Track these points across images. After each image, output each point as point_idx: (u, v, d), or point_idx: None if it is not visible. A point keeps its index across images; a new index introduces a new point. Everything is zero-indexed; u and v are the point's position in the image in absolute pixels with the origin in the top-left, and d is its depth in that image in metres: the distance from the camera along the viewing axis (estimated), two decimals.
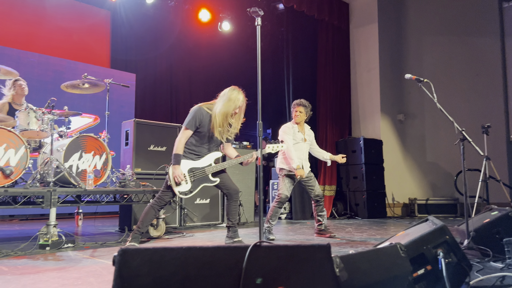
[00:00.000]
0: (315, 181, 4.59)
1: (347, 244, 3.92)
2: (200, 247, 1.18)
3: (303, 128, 4.70)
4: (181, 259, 1.15)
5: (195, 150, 3.68)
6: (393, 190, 7.92)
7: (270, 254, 1.21)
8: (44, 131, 4.14)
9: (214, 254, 1.17)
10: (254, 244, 1.20)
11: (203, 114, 3.65)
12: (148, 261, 1.13)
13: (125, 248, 1.16)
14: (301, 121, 4.64)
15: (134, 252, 1.14)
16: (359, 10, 8.34)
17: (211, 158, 3.75)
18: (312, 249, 1.24)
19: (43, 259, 3.16)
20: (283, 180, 4.45)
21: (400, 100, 8.39)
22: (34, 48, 7.32)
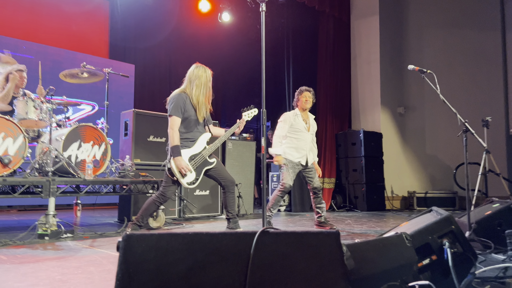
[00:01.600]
0: (316, 174, 4.57)
1: (348, 236, 3.91)
2: (207, 233, 1.15)
3: (307, 117, 4.64)
4: (187, 244, 1.12)
5: (187, 137, 3.65)
6: (392, 183, 7.92)
7: (278, 240, 1.18)
8: (42, 120, 4.10)
9: (221, 240, 1.14)
10: (262, 230, 1.17)
11: (183, 98, 3.63)
12: (154, 246, 1.11)
13: (130, 233, 1.13)
14: (309, 107, 4.60)
15: (140, 237, 1.12)
16: (360, 2, 8.27)
17: (204, 140, 3.74)
18: (321, 235, 1.21)
19: (42, 248, 3.13)
20: (287, 170, 4.43)
21: (400, 93, 8.36)
22: (33, 38, 7.23)
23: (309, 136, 4.55)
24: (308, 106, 4.57)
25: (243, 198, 6.09)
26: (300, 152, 4.47)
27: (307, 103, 4.56)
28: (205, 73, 3.70)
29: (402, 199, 8.02)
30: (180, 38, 8.82)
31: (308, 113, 4.66)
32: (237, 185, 6.06)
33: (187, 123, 3.64)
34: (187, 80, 3.71)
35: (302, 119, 4.56)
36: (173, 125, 3.58)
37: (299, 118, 4.55)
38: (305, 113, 4.62)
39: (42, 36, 7.35)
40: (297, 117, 4.55)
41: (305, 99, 4.55)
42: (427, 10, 8.23)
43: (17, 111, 4.08)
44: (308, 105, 4.57)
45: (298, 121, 4.53)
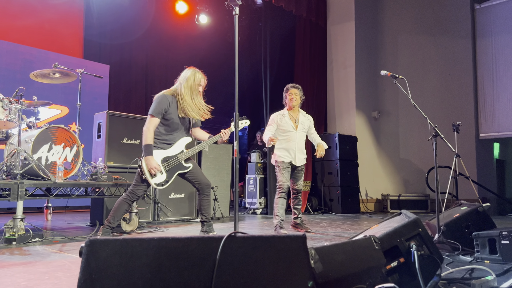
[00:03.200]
0: (302, 176, 4.49)
1: (321, 238, 3.95)
2: (172, 238, 1.14)
3: (297, 115, 4.48)
4: (153, 249, 1.11)
5: (165, 139, 3.61)
6: (367, 186, 8.05)
7: (245, 244, 1.18)
8: (11, 121, 3.98)
9: (187, 245, 1.13)
10: (229, 235, 1.17)
11: (168, 100, 3.56)
12: (119, 252, 1.09)
13: (93, 238, 1.11)
14: (296, 104, 4.45)
15: (103, 242, 1.09)
16: (337, 8, 8.39)
17: (182, 144, 3.69)
18: (287, 239, 1.22)
19: (8, 253, 3.03)
20: (280, 171, 4.33)
21: (375, 97, 8.52)
22: (2, 35, 7.02)
23: (298, 135, 4.41)
24: (294, 104, 4.43)
25: (219, 201, 6.06)
26: (290, 152, 4.37)
27: (293, 101, 4.42)
28: (194, 76, 3.67)
29: (376, 202, 8.15)
30: (157, 39, 8.73)
31: (298, 111, 4.51)
32: (213, 188, 6.03)
33: (169, 125, 3.60)
34: (177, 82, 3.70)
35: (290, 118, 4.43)
36: (149, 125, 3.55)
37: (286, 118, 4.42)
38: (294, 111, 4.47)
39: (12, 34, 7.14)
40: (284, 117, 4.43)
41: (290, 96, 4.43)
42: (402, 17, 8.42)
43: None
44: (294, 103, 4.43)
45: (285, 121, 4.41)
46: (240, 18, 3.02)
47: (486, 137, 7.81)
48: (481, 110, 7.79)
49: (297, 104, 4.47)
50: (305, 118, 4.53)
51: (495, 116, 7.67)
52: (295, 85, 4.47)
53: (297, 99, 4.44)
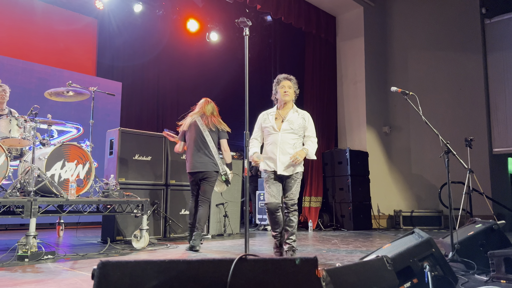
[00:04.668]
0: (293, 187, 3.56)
1: (333, 256, 3.90)
2: (184, 260, 1.14)
3: (286, 112, 3.66)
4: (164, 272, 1.11)
5: None
6: (379, 202, 7.96)
7: (255, 267, 1.18)
8: (26, 139, 4.05)
9: (198, 268, 1.13)
10: (240, 258, 1.17)
11: None
12: (129, 274, 1.09)
13: (105, 261, 1.11)
14: (290, 100, 3.66)
15: (115, 265, 1.10)
16: (346, 24, 8.45)
17: None
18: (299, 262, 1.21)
19: (21, 271, 3.06)
20: (265, 185, 3.59)
21: (385, 112, 8.49)
22: (19, 54, 7.20)
23: (281, 136, 3.56)
24: (287, 99, 3.62)
25: (229, 217, 6.05)
26: (271, 159, 3.58)
27: (286, 95, 3.62)
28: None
29: (388, 218, 8.05)
30: (168, 57, 8.87)
31: (292, 107, 3.69)
32: (223, 204, 6.03)
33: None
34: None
35: (276, 117, 3.65)
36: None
37: (271, 117, 3.66)
38: (285, 108, 3.68)
39: (27, 53, 7.31)
40: (269, 115, 3.69)
41: (283, 90, 3.62)
42: (411, 33, 8.44)
43: (0, 130, 4.04)
44: (287, 98, 3.62)
45: (268, 121, 3.67)
46: (250, 35, 3.06)
47: (499, 152, 7.70)
48: (494, 124, 7.70)
49: (291, 100, 3.68)
50: (297, 116, 3.65)
51: (508, 130, 7.57)
52: (288, 76, 3.69)
53: (291, 93, 3.64)
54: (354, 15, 8.32)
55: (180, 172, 5.66)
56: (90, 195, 4.46)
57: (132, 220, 4.93)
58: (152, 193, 5.26)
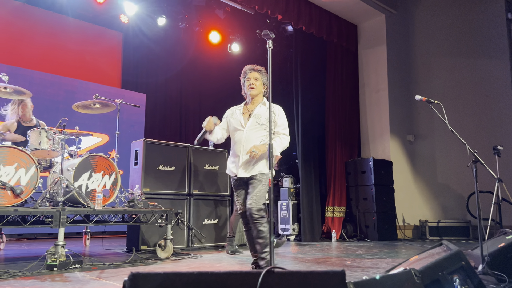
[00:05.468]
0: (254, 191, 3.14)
1: (358, 268, 3.84)
2: (211, 273, 1.15)
3: (254, 107, 3.32)
4: (192, 284, 1.13)
5: None
6: (404, 211, 7.81)
7: (282, 280, 1.18)
8: (54, 150, 4.18)
9: (226, 280, 1.14)
10: (267, 270, 1.17)
11: None
12: (159, 286, 1.11)
13: (135, 272, 1.14)
14: (257, 93, 3.29)
15: (145, 276, 1.12)
16: (368, 32, 8.40)
17: None
18: (326, 275, 1.21)
19: (50, 280, 3.13)
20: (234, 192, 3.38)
21: (409, 120, 8.36)
22: (47, 68, 7.46)
23: (246, 134, 3.23)
24: (254, 93, 3.27)
25: None
26: (234, 162, 3.28)
27: (252, 89, 3.27)
28: None
29: (414, 228, 7.88)
30: (191, 68, 9.02)
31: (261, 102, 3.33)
32: None
33: None
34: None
35: (243, 112, 3.31)
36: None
37: (237, 113, 3.34)
38: (253, 103, 3.33)
39: (55, 67, 7.57)
40: (236, 110, 3.38)
41: (249, 83, 3.29)
42: (435, 40, 8.32)
43: (30, 142, 4.18)
44: (254, 91, 3.27)
45: (234, 117, 3.34)
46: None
47: None
48: None
49: (259, 93, 3.31)
50: (265, 110, 3.25)
51: None
52: (255, 67, 3.33)
53: (258, 85, 3.28)
54: (375, 23, 8.27)
55: (203, 182, 5.71)
56: (116, 205, 4.55)
57: (156, 229, 4.99)
58: (175, 203, 5.31)
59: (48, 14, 7.56)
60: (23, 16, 7.35)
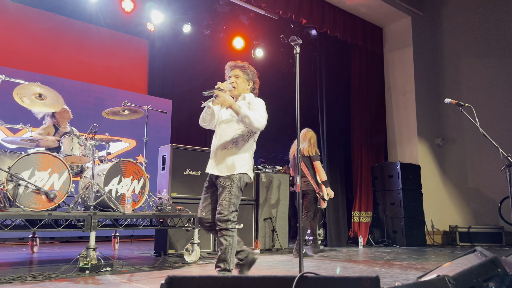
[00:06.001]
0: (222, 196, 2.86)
1: (387, 274, 3.78)
2: (246, 277, 1.17)
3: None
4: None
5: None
6: (433, 217, 7.62)
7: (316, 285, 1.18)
8: (86, 156, 4.30)
9: (260, 284, 1.15)
10: (301, 275, 1.17)
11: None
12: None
13: (172, 276, 1.16)
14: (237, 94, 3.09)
15: (181, 280, 1.15)
16: (393, 34, 8.29)
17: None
18: (360, 281, 1.20)
19: (83, 282, 3.22)
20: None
21: (438, 123, 8.17)
22: (77, 76, 7.70)
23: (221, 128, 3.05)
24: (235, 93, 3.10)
25: (277, 232, 6.04)
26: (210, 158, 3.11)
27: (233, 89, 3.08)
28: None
29: (443, 234, 7.68)
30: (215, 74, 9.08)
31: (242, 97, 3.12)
32: (271, 218, 6.04)
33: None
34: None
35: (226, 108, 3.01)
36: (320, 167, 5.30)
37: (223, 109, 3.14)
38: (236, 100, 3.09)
39: (85, 75, 7.80)
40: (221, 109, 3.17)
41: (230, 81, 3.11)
42: (463, 41, 8.12)
43: (63, 148, 4.32)
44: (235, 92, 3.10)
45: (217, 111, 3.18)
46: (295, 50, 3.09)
47: None
48: None
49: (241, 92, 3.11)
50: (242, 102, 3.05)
51: None
52: (236, 64, 3.11)
53: (239, 83, 3.08)
54: (401, 25, 8.15)
55: None
56: (145, 209, 4.64)
57: (183, 233, 5.05)
58: None
59: (77, 23, 7.81)
60: (54, 26, 7.61)
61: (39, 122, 5.19)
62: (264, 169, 6.30)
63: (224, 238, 2.81)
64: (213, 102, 2.95)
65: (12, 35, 7.15)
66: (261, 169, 6.27)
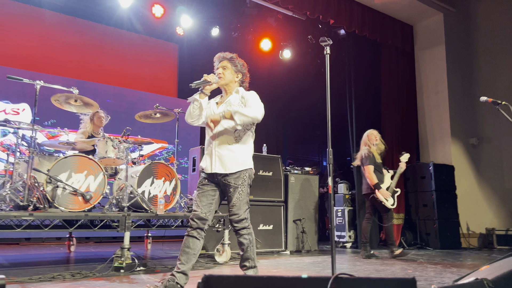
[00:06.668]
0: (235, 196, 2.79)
1: (421, 277, 3.70)
2: (281, 277, 1.18)
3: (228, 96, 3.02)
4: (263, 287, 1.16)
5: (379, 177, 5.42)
6: (468, 219, 7.39)
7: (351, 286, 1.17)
8: (119, 158, 4.43)
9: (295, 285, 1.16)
10: (336, 276, 1.17)
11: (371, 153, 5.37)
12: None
13: (209, 275, 1.19)
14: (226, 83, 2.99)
15: (218, 279, 1.17)
16: (424, 32, 8.10)
17: (388, 177, 5.53)
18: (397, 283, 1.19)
19: (118, 281, 3.31)
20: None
21: (472, 123, 7.92)
22: (110, 81, 7.93)
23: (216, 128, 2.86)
24: (222, 82, 2.99)
25: (307, 233, 6.01)
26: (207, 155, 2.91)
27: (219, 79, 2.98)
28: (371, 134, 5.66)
29: (479, 237, 7.42)
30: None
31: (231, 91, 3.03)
32: (301, 220, 6.02)
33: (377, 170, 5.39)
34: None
35: (217, 102, 3.02)
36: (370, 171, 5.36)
37: (212, 103, 3.03)
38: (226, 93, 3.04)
39: (117, 79, 8.02)
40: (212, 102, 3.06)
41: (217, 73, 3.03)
42: (499, 37, 7.84)
43: (98, 150, 4.47)
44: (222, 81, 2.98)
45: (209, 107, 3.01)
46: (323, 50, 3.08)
47: None
48: None
49: (230, 82, 3.01)
50: (236, 97, 2.98)
51: None
52: (224, 55, 3.06)
53: (226, 74, 2.99)
54: (433, 23, 7.95)
55: (257, 188, 5.77)
56: (176, 210, 4.72)
57: (214, 234, 5.10)
58: None
59: (110, 29, 8.05)
60: (88, 33, 7.87)
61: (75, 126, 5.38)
62: (293, 170, 6.29)
63: (244, 238, 2.81)
64: (200, 95, 2.88)
65: (49, 43, 7.45)
66: (289, 170, 6.26)
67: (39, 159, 4.18)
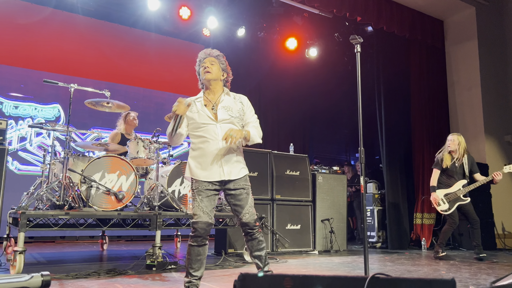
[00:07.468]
0: (247, 200, 2.77)
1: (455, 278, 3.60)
2: (317, 276, 1.18)
3: (216, 97, 2.82)
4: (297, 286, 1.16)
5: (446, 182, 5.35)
6: (503, 219, 7.13)
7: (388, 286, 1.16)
8: (150, 158, 4.52)
9: (331, 284, 1.16)
10: (372, 276, 1.16)
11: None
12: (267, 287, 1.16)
13: (245, 273, 1.20)
14: (214, 78, 2.81)
15: (254, 277, 1.18)
16: (456, 27, 7.87)
17: (460, 184, 5.31)
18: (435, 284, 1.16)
19: (151, 279, 3.38)
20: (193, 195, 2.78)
21: (507, 120, 7.64)
22: (139, 83, 8.10)
23: (220, 128, 2.69)
24: (209, 77, 2.79)
25: (335, 233, 5.96)
26: (205, 163, 2.71)
27: (207, 72, 2.79)
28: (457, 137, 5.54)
29: None
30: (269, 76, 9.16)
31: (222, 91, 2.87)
32: (329, 220, 5.97)
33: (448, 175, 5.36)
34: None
35: (205, 102, 2.77)
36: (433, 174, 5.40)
37: (198, 104, 2.77)
38: (212, 91, 2.84)
39: (146, 81, 8.19)
40: (196, 102, 2.79)
41: (204, 66, 2.84)
42: None
43: (130, 151, 4.57)
44: (209, 75, 2.79)
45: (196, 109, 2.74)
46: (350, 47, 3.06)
47: None
48: None
49: (217, 79, 2.84)
50: (233, 100, 2.85)
51: None
52: (211, 52, 2.89)
53: (215, 70, 2.83)
54: (464, 17, 7.72)
55: (285, 187, 5.76)
56: None
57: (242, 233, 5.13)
58: (259, 208, 5.42)
59: (138, 32, 8.21)
60: (118, 36, 8.06)
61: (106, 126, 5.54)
62: (320, 170, 6.25)
63: (261, 235, 2.83)
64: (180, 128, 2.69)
65: (81, 47, 7.67)
66: (317, 170, 6.22)
67: (73, 159, 4.32)
